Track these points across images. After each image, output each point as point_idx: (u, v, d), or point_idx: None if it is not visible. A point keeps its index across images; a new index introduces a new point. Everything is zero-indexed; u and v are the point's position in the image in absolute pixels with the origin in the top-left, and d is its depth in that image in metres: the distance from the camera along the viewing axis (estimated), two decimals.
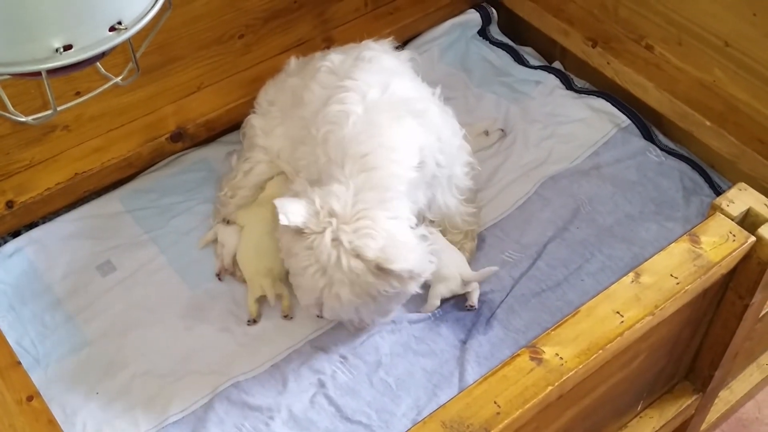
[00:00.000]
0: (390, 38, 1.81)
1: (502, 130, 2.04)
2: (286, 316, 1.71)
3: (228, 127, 2.03)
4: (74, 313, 1.73)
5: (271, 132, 1.80)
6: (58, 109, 1.18)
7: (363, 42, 1.78)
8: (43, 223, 1.87)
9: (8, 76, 1.10)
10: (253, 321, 1.70)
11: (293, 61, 1.86)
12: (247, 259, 1.74)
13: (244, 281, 1.76)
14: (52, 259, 1.81)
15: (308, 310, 1.62)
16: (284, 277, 1.69)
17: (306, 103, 1.68)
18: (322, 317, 1.66)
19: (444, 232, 1.76)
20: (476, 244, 1.81)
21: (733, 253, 1.31)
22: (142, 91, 1.90)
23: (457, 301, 1.73)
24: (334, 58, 1.71)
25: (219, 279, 1.78)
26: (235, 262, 1.77)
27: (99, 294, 1.76)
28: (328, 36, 2.11)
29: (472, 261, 1.79)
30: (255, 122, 1.85)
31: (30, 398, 1.23)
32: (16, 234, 1.85)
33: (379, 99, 1.59)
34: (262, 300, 1.71)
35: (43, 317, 1.72)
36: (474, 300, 1.71)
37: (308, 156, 1.65)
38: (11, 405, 1.21)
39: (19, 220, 1.84)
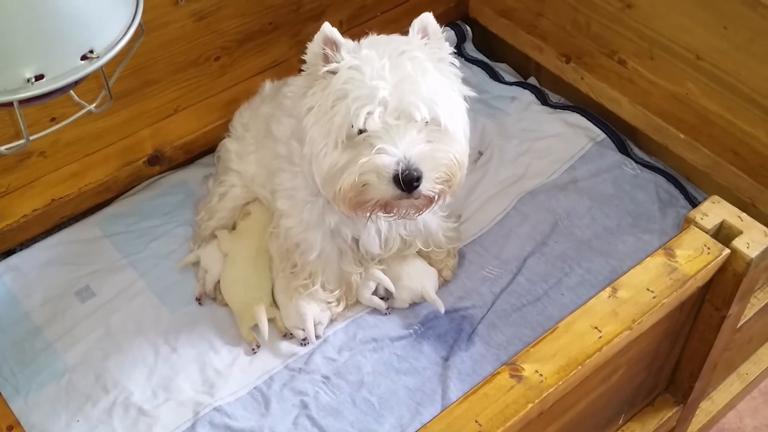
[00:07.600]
0: None
1: (480, 153, 2.04)
2: (285, 335, 1.71)
3: (205, 149, 2.03)
4: (53, 340, 1.72)
5: (246, 157, 1.80)
6: (31, 138, 1.18)
7: None
8: (21, 249, 1.86)
9: None
10: (257, 346, 1.70)
11: (268, 85, 1.86)
12: (235, 292, 1.73)
13: (225, 305, 1.76)
14: (30, 286, 1.80)
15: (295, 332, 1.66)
16: (272, 301, 1.72)
17: (276, 136, 1.67)
18: (305, 343, 1.69)
19: (426, 256, 1.76)
20: (457, 261, 1.82)
21: (709, 266, 1.32)
22: (119, 115, 1.89)
23: (439, 318, 1.74)
24: (298, 81, 1.70)
25: (199, 303, 1.78)
26: (217, 288, 1.77)
27: (78, 320, 1.75)
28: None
29: (454, 278, 1.80)
30: (230, 146, 1.85)
31: (10, 428, 1.22)
32: None
33: None
34: (254, 327, 1.70)
35: (22, 345, 1.71)
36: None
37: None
38: None
39: None
